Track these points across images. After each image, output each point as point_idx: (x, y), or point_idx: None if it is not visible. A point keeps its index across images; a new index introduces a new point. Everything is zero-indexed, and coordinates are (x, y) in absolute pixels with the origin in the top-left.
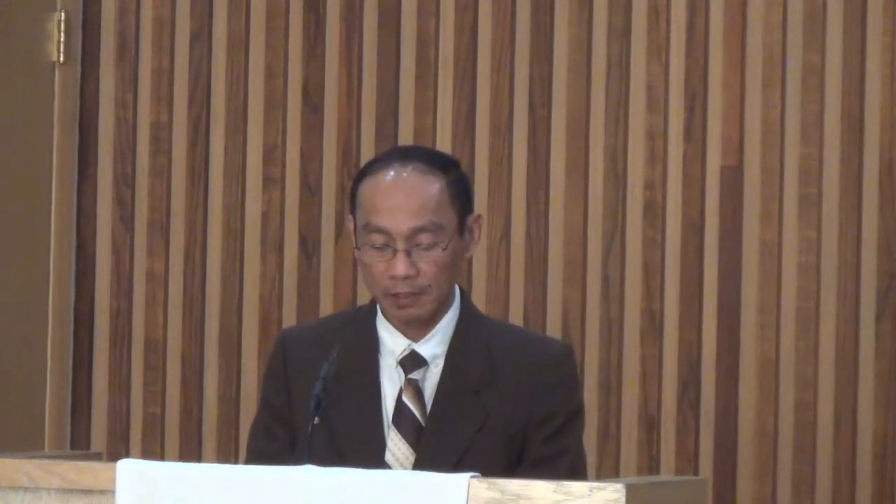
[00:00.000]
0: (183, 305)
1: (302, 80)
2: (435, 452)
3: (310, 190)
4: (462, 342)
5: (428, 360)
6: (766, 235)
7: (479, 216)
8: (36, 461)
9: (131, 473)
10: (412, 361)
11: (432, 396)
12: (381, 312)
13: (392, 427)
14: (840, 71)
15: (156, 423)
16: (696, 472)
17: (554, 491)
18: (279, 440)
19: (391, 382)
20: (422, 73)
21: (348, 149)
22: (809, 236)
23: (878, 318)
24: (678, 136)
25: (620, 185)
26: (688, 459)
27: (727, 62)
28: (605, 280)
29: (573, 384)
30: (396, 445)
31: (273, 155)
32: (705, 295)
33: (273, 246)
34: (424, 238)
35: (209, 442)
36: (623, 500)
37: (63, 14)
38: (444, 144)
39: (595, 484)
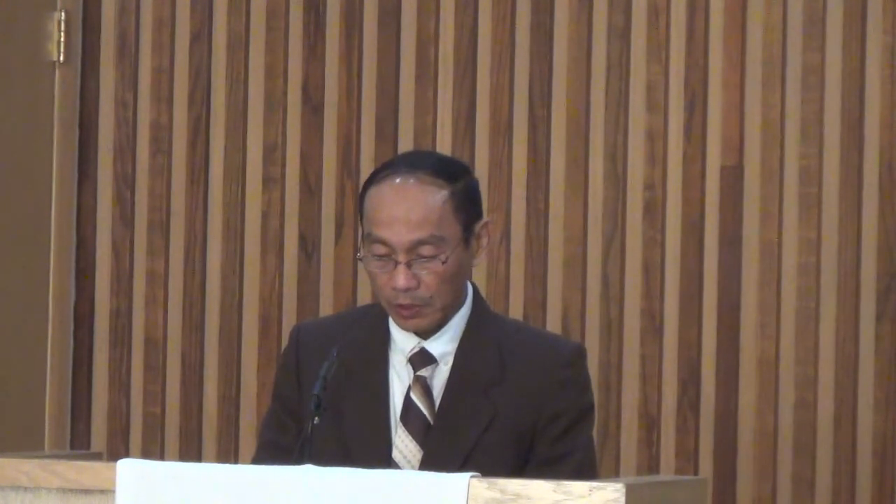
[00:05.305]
0: (183, 305)
1: (302, 80)
2: (442, 450)
3: (310, 190)
4: (472, 340)
5: (438, 357)
6: (766, 235)
7: (487, 222)
8: (36, 461)
9: (131, 473)
10: (422, 359)
11: (441, 394)
12: None
13: (400, 424)
14: (840, 71)
15: (156, 423)
16: (696, 472)
17: (554, 491)
18: (290, 432)
19: (400, 379)
20: (422, 73)
21: (348, 149)
22: (809, 236)
23: (878, 318)
24: (678, 136)
25: (620, 185)
26: (688, 459)
27: (727, 62)
28: (605, 280)
29: (583, 384)
30: (404, 443)
31: (273, 155)
32: (705, 295)
33: (273, 246)
34: (425, 250)
35: (209, 442)
36: (623, 500)
37: (63, 14)
38: (444, 144)
39: (595, 484)
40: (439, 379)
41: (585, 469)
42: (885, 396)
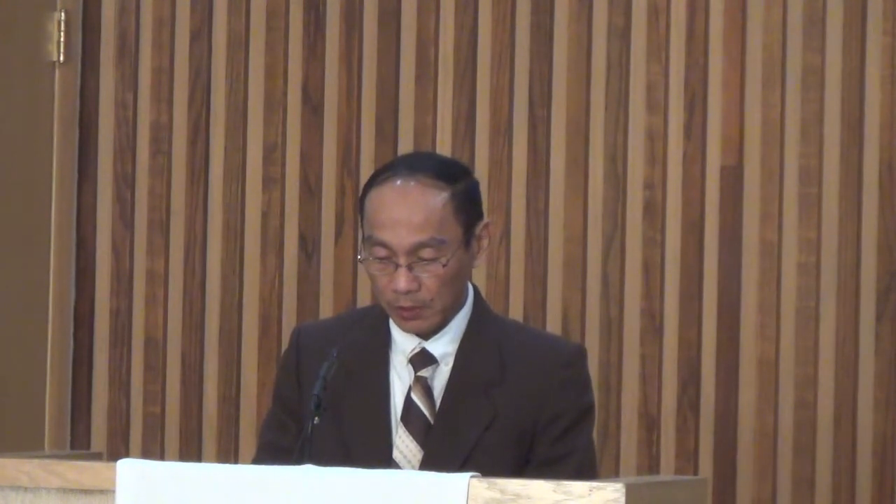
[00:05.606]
0: (183, 305)
1: (302, 80)
2: (443, 451)
3: (310, 190)
4: (473, 340)
5: (438, 358)
6: (766, 235)
7: (487, 223)
8: (36, 461)
9: (131, 473)
10: (422, 359)
11: (441, 394)
12: None
13: (400, 424)
14: (840, 71)
15: (156, 422)
16: (696, 472)
17: (554, 491)
18: (290, 433)
19: (401, 380)
20: (422, 73)
21: (348, 149)
22: (809, 236)
23: (878, 318)
24: (678, 136)
25: (620, 185)
26: (688, 459)
27: (727, 62)
28: (605, 280)
29: (583, 385)
30: (404, 443)
31: (273, 155)
32: (705, 295)
33: (273, 246)
34: (426, 253)
35: (209, 442)
36: (623, 500)
37: (63, 14)
38: (444, 144)
39: (595, 484)
40: (440, 379)
41: (585, 469)
42: (885, 396)
